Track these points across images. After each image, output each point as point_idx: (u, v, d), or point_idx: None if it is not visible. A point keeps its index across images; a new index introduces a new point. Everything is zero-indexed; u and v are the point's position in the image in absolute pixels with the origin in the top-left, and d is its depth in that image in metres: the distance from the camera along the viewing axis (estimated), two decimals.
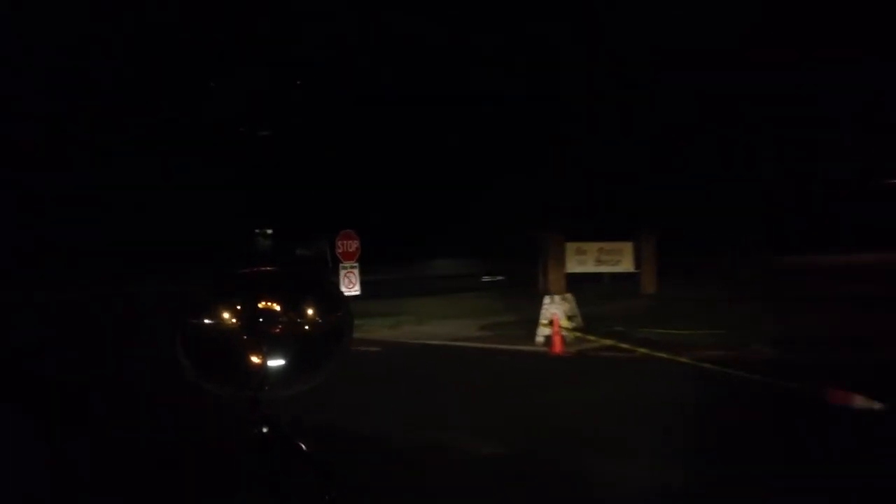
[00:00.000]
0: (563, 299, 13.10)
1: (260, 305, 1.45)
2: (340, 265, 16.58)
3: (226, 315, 1.44)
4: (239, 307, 1.44)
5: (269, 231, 43.84)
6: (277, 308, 1.45)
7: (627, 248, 21.96)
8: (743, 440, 6.88)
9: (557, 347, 12.09)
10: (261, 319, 1.43)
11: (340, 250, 16.55)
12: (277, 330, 1.43)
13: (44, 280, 26.57)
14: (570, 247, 21.37)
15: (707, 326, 14.59)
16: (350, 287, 16.53)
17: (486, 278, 30.81)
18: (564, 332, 12.38)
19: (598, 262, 22.21)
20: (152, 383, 8.89)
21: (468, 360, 12.43)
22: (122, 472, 6.44)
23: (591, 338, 12.94)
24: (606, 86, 19.56)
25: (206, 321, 1.46)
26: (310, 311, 1.50)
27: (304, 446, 1.40)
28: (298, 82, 30.72)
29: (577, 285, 19.82)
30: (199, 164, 36.82)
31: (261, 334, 1.42)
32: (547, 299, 13.04)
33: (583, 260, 21.86)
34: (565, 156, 21.34)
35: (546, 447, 6.86)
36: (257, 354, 1.41)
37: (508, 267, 32.27)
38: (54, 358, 13.75)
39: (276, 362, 1.42)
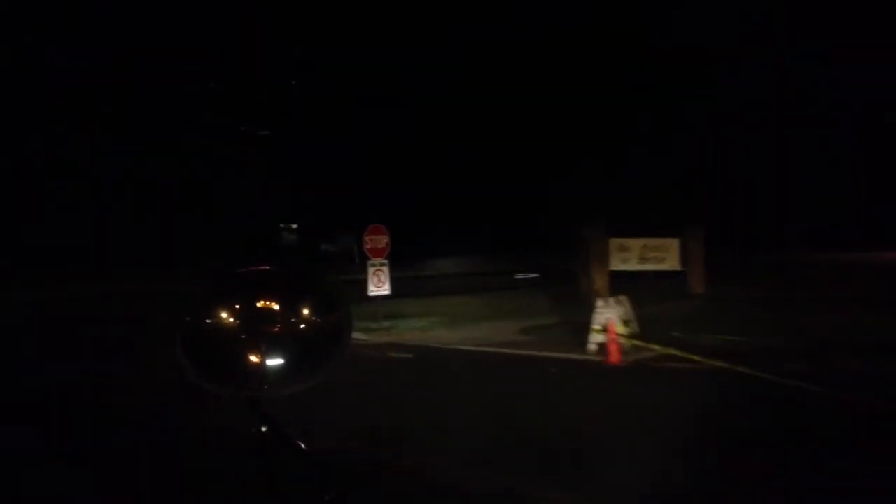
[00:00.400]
0: (619, 302, 11.70)
1: (259, 305, 1.44)
2: (369, 262, 15.30)
3: (225, 315, 1.43)
4: (238, 307, 1.43)
5: (294, 226, 42.97)
6: (276, 308, 1.44)
7: (673, 244, 20.50)
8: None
9: (614, 357, 10.72)
10: (260, 319, 1.42)
11: (369, 246, 15.27)
12: (276, 330, 1.43)
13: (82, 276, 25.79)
14: (613, 243, 19.96)
15: (772, 332, 13.21)
16: (379, 286, 15.25)
17: (518, 276, 29.39)
18: (622, 340, 11.00)
19: (643, 259, 20.76)
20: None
21: (512, 371, 11.06)
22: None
23: (649, 345, 11.56)
24: (661, 69, 18.15)
25: (206, 321, 1.44)
26: (308, 311, 1.48)
27: (303, 446, 1.36)
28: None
29: (616, 284, 18.47)
30: (225, 158, 36.06)
31: (260, 334, 1.41)
32: (600, 302, 11.65)
33: (626, 258, 20.43)
34: (609, 147, 20.05)
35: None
36: (256, 354, 1.40)
37: (541, 264, 30.93)
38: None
39: (274, 362, 1.41)
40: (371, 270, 15.25)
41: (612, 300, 11.58)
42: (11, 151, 24.43)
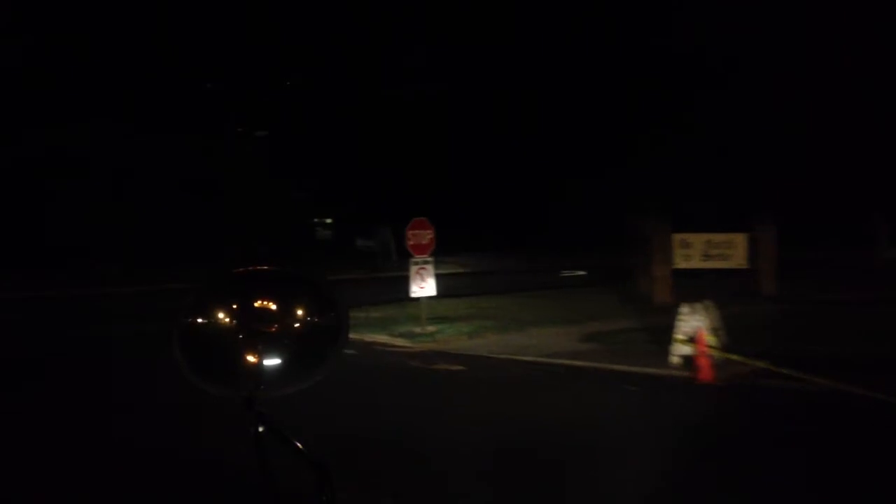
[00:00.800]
0: (706, 308, 10.03)
1: (256, 305, 1.44)
2: (411, 260, 13.81)
3: (221, 314, 1.43)
4: (235, 306, 1.43)
5: (329, 220, 41.71)
6: (273, 307, 1.44)
7: (740, 240, 18.74)
8: None
9: (706, 373, 9.08)
10: (257, 319, 1.42)
11: (411, 242, 13.77)
12: (273, 329, 1.42)
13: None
14: (674, 239, 18.27)
15: (873, 342, 11.44)
16: (423, 286, 13.76)
17: (565, 273, 27.74)
18: (713, 353, 9.36)
19: (706, 256, 18.98)
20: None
21: (583, 388, 9.45)
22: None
23: (739, 358, 9.88)
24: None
25: (202, 320, 1.43)
26: (305, 311, 1.48)
27: (300, 446, 1.33)
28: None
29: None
30: (257, 151, 34.99)
31: (256, 334, 1.41)
32: (685, 308, 10.00)
33: (687, 254, 18.68)
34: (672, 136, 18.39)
35: None
36: (253, 354, 1.39)
37: (587, 261, 29.27)
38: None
39: (271, 362, 1.40)
40: (414, 269, 13.76)
41: (698, 306, 9.91)
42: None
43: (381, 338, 13.61)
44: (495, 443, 6.61)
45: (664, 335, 12.25)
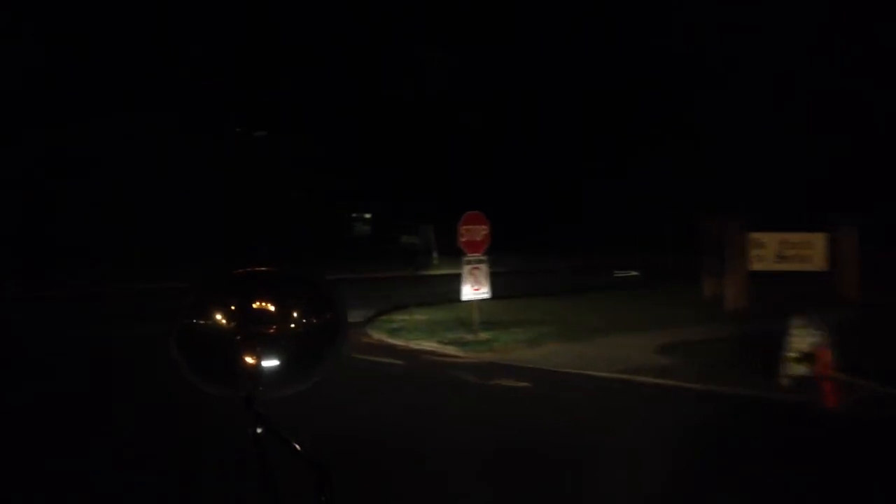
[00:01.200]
0: (816, 320, 8.41)
1: (254, 305, 1.43)
2: (464, 259, 12.36)
3: (220, 315, 1.41)
4: (233, 307, 1.42)
5: (368, 216, 40.41)
6: (272, 308, 1.43)
7: (819, 241, 17.04)
8: None
9: (831, 398, 7.51)
10: (255, 320, 1.41)
11: (464, 238, 12.32)
12: (272, 330, 1.41)
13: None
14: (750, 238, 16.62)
15: None
16: (477, 288, 12.31)
17: (617, 273, 26.11)
18: (837, 375, 7.77)
19: (780, 258, 17.27)
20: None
21: (683, 416, 7.83)
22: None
23: (864, 382, 8.29)
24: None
25: (201, 321, 1.42)
26: (304, 311, 1.46)
27: (298, 447, 1.31)
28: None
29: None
30: (294, 143, 33.97)
31: (255, 334, 1.40)
32: (798, 321, 8.39)
33: (760, 255, 16.99)
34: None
35: None
36: (251, 355, 1.38)
37: (635, 260, 27.59)
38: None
39: (269, 363, 1.39)
40: (467, 269, 12.32)
41: (816, 318, 8.31)
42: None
43: (430, 345, 12.18)
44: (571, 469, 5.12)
45: (753, 347, 10.72)
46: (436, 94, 35.64)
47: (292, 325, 1.44)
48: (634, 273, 26.01)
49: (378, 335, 13.45)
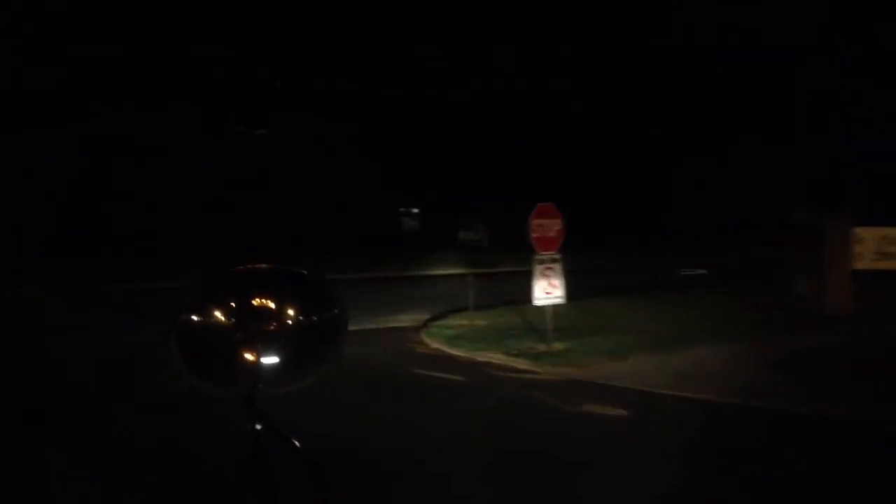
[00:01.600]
0: None
1: (254, 303, 1.42)
2: (535, 257, 10.77)
3: (219, 312, 1.40)
4: (233, 304, 1.41)
5: (415, 210, 39.00)
6: (271, 305, 1.42)
7: None
8: None
9: None
10: (255, 317, 1.39)
11: (536, 234, 10.72)
12: (271, 328, 1.40)
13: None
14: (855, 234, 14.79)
15: None
16: (550, 290, 10.74)
17: (685, 272, 24.23)
18: None
19: (879, 255, 15.38)
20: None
21: (843, 464, 6.14)
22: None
23: None
24: None
25: (200, 318, 1.41)
26: (304, 309, 1.44)
27: (298, 444, 1.30)
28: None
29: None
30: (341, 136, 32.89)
31: (255, 332, 1.38)
32: None
33: (859, 253, 15.13)
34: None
35: None
36: (251, 352, 1.37)
37: (714, 257, 25.67)
38: None
39: (269, 360, 1.38)
40: (539, 268, 10.75)
41: None
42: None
43: (497, 357, 10.64)
44: None
45: (883, 360, 9.05)
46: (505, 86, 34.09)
47: (292, 323, 1.42)
48: (701, 271, 24.15)
49: (435, 343, 11.98)
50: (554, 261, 10.77)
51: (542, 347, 10.76)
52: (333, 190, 32.43)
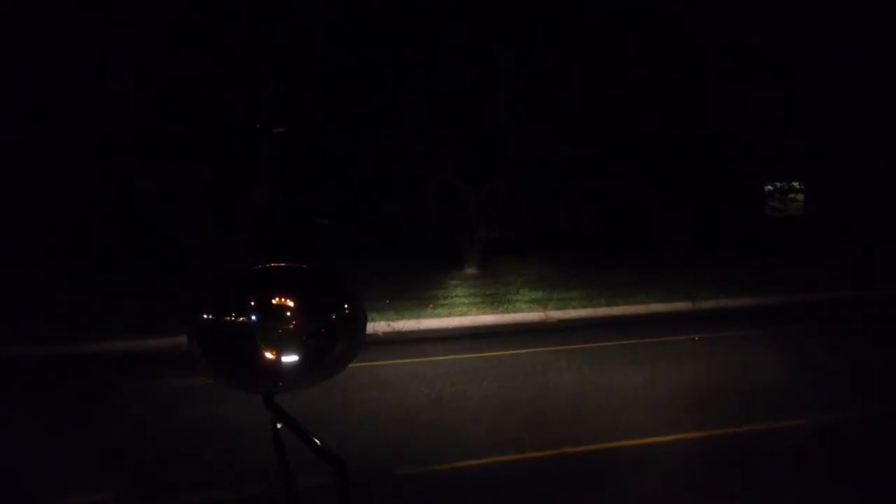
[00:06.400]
0: None
1: (274, 301, 1.42)
2: None
3: (239, 311, 1.40)
4: (252, 303, 1.41)
5: (798, 184, 27.21)
6: (291, 304, 1.42)
7: None
8: None
9: None
10: (274, 316, 1.40)
11: None
12: (291, 326, 1.40)
13: None
14: None
15: None
16: None
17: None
18: None
19: None
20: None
21: None
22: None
23: None
24: None
25: (220, 317, 1.40)
26: (323, 307, 1.45)
27: (318, 442, 1.31)
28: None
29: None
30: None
31: (274, 330, 1.39)
32: None
33: None
34: None
35: None
36: (271, 350, 1.38)
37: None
38: None
39: (289, 358, 1.39)
40: None
41: None
42: None
43: None
44: None
45: None
46: None
47: (312, 321, 1.42)
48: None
49: None
50: None
51: None
52: None
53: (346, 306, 1.46)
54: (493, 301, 13.36)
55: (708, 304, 13.20)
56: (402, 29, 15.11)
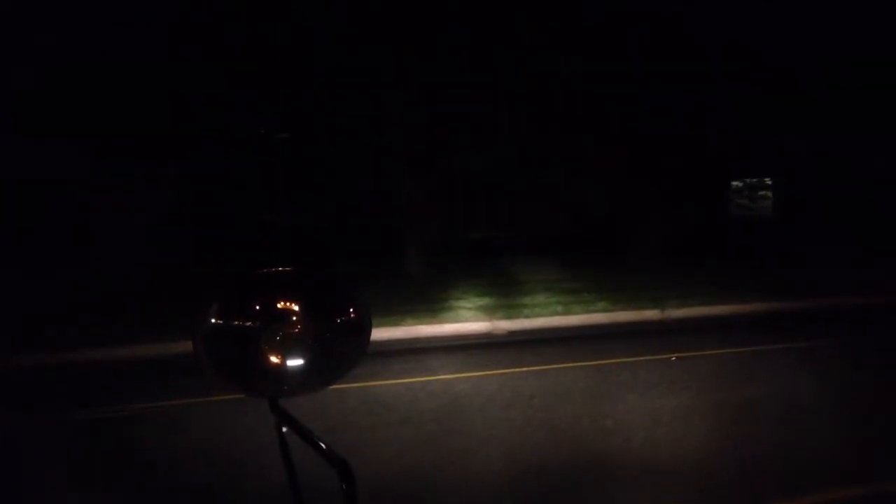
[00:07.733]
0: None
1: (279, 305, 1.42)
2: None
3: (244, 315, 1.40)
4: (258, 307, 1.42)
5: (768, 181, 30.55)
6: (296, 308, 1.42)
7: None
8: None
9: None
10: (280, 320, 1.40)
11: None
12: (296, 330, 1.41)
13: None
14: None
15: None
16: None
17: None
18: None
19: None
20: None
21: None
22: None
23: None
24: None
25: (226, 321, 1.40)
26: (328, 311, 1.46)
27: (323, 445, 1.29)
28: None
29: None
30: None
31: (280, 334, 1.40)
32: None
33: None
34: None
35: None
36: (276, 354, 1.39)
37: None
38: None
39: (294, 362, 1.40)
40: None
41: None
42: None
43: None
44: None
45: None
46: None
47: (316, 325, 1.42)
48: None
49: None
50: None
51: None
52: None
53: (350, 310, 1.46)
54: (432, 309, 11.59)
55: (678, 314, 11.68)
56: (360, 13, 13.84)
